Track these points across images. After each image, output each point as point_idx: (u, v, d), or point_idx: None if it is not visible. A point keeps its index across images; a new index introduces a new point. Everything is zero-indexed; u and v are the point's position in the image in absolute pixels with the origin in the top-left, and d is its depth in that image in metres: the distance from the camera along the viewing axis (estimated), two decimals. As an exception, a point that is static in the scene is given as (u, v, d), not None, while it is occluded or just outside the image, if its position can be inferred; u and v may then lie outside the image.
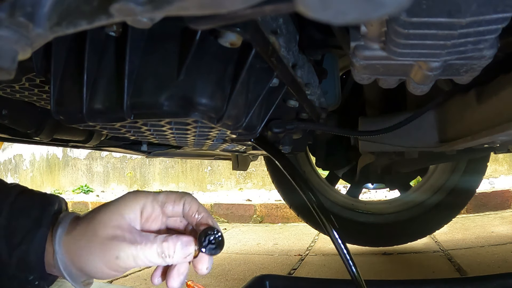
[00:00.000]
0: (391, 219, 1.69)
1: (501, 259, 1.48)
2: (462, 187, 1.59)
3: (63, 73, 0.45)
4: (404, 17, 0.34)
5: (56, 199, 0.55)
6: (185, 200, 0.52)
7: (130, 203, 0.50)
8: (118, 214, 0.49)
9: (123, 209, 0.50)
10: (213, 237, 0.50)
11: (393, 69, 0.47)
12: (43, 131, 0.86)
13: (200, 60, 0.43)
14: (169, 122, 0.47)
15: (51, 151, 5.15)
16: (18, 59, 0.24)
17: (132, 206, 0.50)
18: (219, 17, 0.23)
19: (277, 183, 1.74)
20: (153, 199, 0.51)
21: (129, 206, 0.50)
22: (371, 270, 1.50)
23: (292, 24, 0.53)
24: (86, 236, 0.48)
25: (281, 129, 0.74)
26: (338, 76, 0.88)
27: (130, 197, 0.51)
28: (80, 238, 0.49)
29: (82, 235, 0.49)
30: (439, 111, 1.00)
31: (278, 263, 1.75)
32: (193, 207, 0.52)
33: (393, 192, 2.08)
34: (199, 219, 0.52)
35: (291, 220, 2.85)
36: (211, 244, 0.50)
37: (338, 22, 0.17)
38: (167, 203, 0.52)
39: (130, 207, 0.50)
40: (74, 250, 0.49)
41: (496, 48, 0.40)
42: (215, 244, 0.50)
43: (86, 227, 0.49)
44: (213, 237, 0.50)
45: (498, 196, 2.53)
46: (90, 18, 0.22)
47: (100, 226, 0.48)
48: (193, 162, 4.13)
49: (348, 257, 0.67)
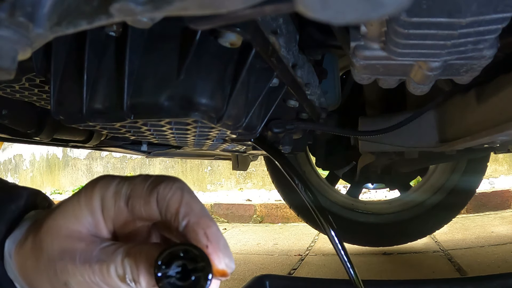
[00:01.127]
0: (391, 219, 1.69)
1: (501, 259, 1.48)
2: (462, 187, 1.59)
3: (63, 73, 0.45)
4: (404, 17, 0.34)
5: (23, 193, 0.40)
6: (158, 193, 0.31)
7: (86, 199, 0.34)
8: (72, 217, 0.34)
9: (78, 209, 0.34)
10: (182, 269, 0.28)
11: (393, 69, 0.47)
12: (43, 131, 0.86)
13: (200, 60, 0.43)
14: (169, 122, 0.47)
15: (51, 151, 5.15)
16: (18, 59, 0.24)
17: (88, 204, 0.34)
18: (219, 17, 0.23)
19: (277, 183, 1.74)
20: (115, 192, 0.33)
21: (85, 204, 0.34)
22: (371, 270, 1.50)
23: (292, 24, 0.53)
24: (33, 252, 0.34)
25: (281, 129, 0.74)
26: (338, 76, 0.88)
27: (88, 190, 0.34)
28: (28, 255, 0.35)
29: (30, 250, 0.35)
30: (439, 111, 1.00)
31: (278, 263, 1.75)
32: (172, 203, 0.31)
33: (393, 192, 2.08)
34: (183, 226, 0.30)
35: (291, 220, 2.85)
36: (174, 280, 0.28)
37: (338, 22, 0.17)
38: (132, 200, 0.32)
39: (87, 205, 0.34)
40: (25, 270, 0.35)
41: (496, 48, 0.40)
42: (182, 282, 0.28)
43: (33, 238, 0.35)
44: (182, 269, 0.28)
45: (498, 196, 2.53)
46: (90, 18, 0.22)
47: (47, 237, 0.34)
48: (193, 162, 4.13)
49: (346, 258, 0.67)
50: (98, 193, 0.34)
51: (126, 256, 0.31)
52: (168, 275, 0.28)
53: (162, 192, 0.32)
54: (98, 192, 0.34)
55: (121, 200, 0.33)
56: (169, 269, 0.28)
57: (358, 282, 0.66)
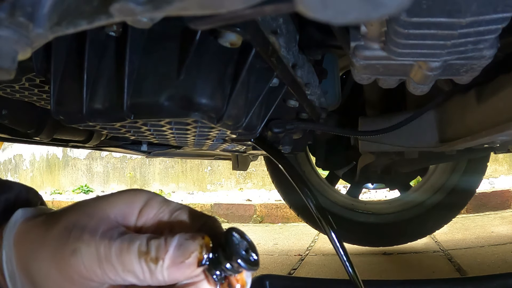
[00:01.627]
0: (391, 219, 1.69)
1: (501, 259, 1.48)
2: (462, 187, 1.59)
3: (63, 73, 0.45)
4: (404, 17, 0.34)
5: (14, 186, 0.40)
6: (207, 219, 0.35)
7: (127, 194, 0.35)
8: (104, 201, 0.34)
9: (114, 198, 0.35)
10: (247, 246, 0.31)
11: (393, 69, 0.47)
12: (43, 131, 0.86)
13: (200, 60, 0.43)
14: (169, 122, 0.47)
15: (51, 151, 5.15)
16: (18, 59, 0.24)
17: (128, 198, 0.35)
18: (219, 17, 0.23)
19: (277, 183, 1.74)
20: (163, 200, 0.36)
21: (123, 197, 0.35)
22: (371, 270, 1.50)
23: (292, 24, 0.53)
24: (45, 222, 0.34)
25: (281, 129, 0.74)
26: (338, 76, 0.88)
27: (130, 190, 0.36)
28: (37, 224, 0.34)
29: (42, 221, 0.34)
30: (439, 111, 1.00)
31: (278, 263, 1.75)
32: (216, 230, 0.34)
33: (393, 192, 2.08)
34: None
35: (291, 220, 2.85)
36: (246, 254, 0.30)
37: (338, 22, 0.17)
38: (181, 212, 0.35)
39: (125, 198, 0.35)
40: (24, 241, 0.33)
41: (496, 48, 0.40)
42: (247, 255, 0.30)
43: (51, 215, 0.35)
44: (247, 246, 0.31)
45: (498, 196, 2.53)
46: (90, 18, 0.22)
47: (70, 212, 0.33)
48: (193, 162, 4.13)
49: (346, 258, 0.67)
50: (146, 194, 0.36)
51: (153, 238, 0.31)
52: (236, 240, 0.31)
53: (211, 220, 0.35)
54: (146, 194, 0.36)
55: (169, 207, 0.35)
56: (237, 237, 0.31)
57: (358, 282, 0.66)
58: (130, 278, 0.30)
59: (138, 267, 0.29)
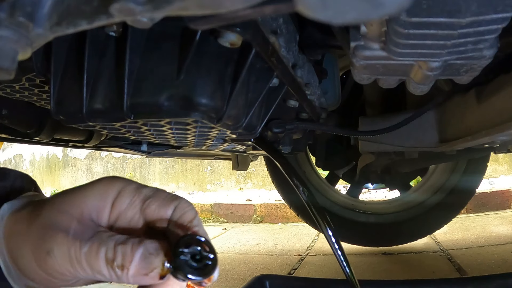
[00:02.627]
0: (391, 219, 1.69)
1: (501, 259, 1.48)
2: (462, 187, 1.59)
3: (63, 73, 0.45)
4: (404, 17, 0.34)
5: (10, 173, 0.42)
6: (178, 204, 0.36)
7: (100, 186, 0.36)
8: (80, 195, 0.35)
9: (89, 191, 0.36)
10: (199, 252, 0.32)
11: (393, 69, 0.47)
12: (43, 131, 0.86)
13: (200, 60, 0.43)
14: (169, 122, 0.47)
15: (51, 151, 5.15)
16: (18, 59, 0.24)
17: (101, 190, 0.36)
18: (219, 17, 0.23)
19: (277, 183, 1.74)
20: (135, 189, 0.36)
21: (97, 190, 0.36)
22: (371, 270, 1.50)
23: (292, 24, 0.53)
24: (28, 217, 0.36)
25: (281, 129, 0.74)
26: (338, 76, 0.88)
27: (103, 181, 0.37)
28: (21, 219, 0.36)
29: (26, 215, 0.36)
30: (439, 111, 1.00)
31: (278, 263, 1.75)
32: (187, 215, 0.35)
33: (393, 192, 2.08)
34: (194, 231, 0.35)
35: (291, 220, 2.84)
36: (192, 262, 0.31)
37: (338, 22, 0.17)
38: (152, 200, 0.36)
39: (99, 191, 0.36)
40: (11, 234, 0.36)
41: (496, 48, 0.40)
42: (198, 264, 0.31)
43: (34, 207, 0.36)
44: (199, 252, 0.32)
45: (498, 196, 2.53)
46: (90, 18, 0.22)
47: (49, 207, 0.35)
48: (193, 162, 4.13)
49: (343, 258, 0.67)
50: (118, 185, 0.36)
51: (120, 244, 0.32)
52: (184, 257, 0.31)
53: (183, 204, 0.36)
54: (118, 184, 0.36)
55: (140, 196, 0.36)
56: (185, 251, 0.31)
57: (354, 281, 0.66)
58: (101, 278, 0.33)
59: (106, 272, 0.32)
